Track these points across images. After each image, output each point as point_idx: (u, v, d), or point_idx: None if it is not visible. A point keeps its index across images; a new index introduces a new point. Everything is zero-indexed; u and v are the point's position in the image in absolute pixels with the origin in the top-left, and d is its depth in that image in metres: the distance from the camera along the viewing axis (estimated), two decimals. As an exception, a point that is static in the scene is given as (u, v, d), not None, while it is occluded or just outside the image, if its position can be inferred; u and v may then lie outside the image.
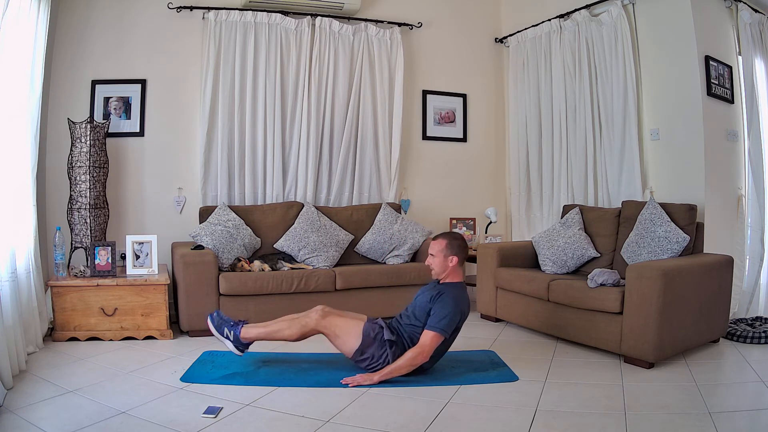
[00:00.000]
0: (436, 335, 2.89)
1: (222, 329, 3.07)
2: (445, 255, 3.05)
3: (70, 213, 4.00)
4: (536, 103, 5.08)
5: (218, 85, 4.52)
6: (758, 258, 4.29)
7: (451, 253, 3.04)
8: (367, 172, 5.03)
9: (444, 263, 3.05)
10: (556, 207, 4.88)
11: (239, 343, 3.05)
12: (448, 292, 3.00)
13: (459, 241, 3.10)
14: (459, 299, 2.99)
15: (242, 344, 3.06)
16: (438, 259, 3.06)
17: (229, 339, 3.05)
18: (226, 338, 3.06)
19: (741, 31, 4.24)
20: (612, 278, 3.49)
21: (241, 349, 3.06)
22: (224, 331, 3.06)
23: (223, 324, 3.08)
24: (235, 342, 3.05)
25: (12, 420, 2.37)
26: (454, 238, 3.10)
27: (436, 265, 3.07)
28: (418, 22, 5.23)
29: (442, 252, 3.05)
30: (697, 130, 3.92)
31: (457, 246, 3.07)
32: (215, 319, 3.11)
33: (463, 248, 3.09)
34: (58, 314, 3.60)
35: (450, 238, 3.10)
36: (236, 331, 3.05)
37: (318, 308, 3.07)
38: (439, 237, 3.12)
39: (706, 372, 3.12)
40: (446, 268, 3.06)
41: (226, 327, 3.07)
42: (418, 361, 2.90)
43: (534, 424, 2.44)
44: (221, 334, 3.07)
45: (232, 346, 3.05)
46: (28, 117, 3.36)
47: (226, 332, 3.06)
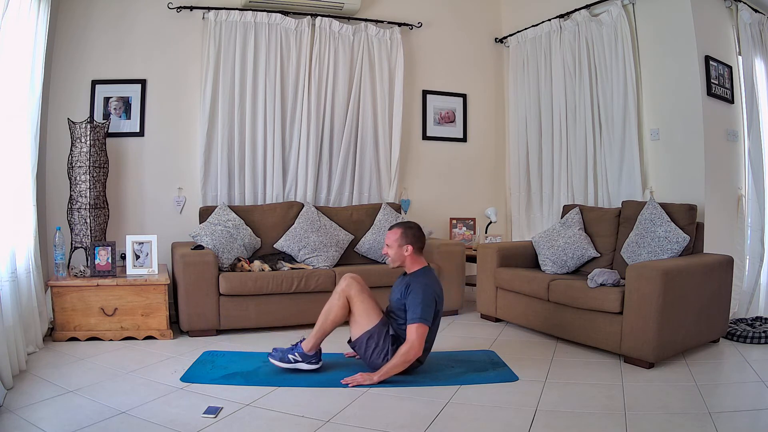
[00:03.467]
0: (420, 326, 2.89)
1: (287, 358, 3.04)
2: (400, 244, 3.07)
3: (70, 213, 4.00)
4: (536, 103, 5.08)
5: (218, 85, 4.52)
6: (758, 258, 4.29)
7: (405, 242, 3.07)
8: (367, 172, 5.03)
9: (399, 252, 3.08)
10: (556, 207, 4.88)
11: (307, 357, 3.03)
12: (416, 281, 3.01)
13: (414, 230, 3.13)
14: (428, 284, 3.00)
15: (310, 356, 3.04)
16: (393, 249, 3.09)
17: (299, 361, 3.03)
18: (296, 362, 3.03)
19: (741, 31, 4.24)
20: (612, 278, 3.49)
21: (315, 362, 3.05)
22: (289, 357, 3.04)
23: (285, 353, 3.06)
24: (305, 359, 3.03)
25: (12, 420, 2.37)
26: (409, 227, 3.13)
27: (391, 254, 3.10)
28: (418, 22, 5.23)
29: (396, 242, 3.08)
30: (697, 130, 3.92)
31: (412, 235, 3.09)
32: (276, 354, 3.07)
33: (419, 237, 3.12)
34: (58, 314, 3.60)
35: (405, 227, 3.13)
36: (298, 349, 3.04)
37: (346, 276, 3.08)
38: (394, 227, 3.16)
39: (706, 372, 3.12)
40: (402, 258, 3.09)
41: (289, 354, 3.05)
42: (411, 355, 2.90)
43: (534, 424, 2.44)
44: (290, 363, 3.04)
45: (307, 365, 3.03)
46: (28, 117, 3.36)
47: (292, 357, 3.04)
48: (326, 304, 3.08)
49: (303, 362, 3.03)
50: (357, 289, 3.02)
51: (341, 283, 3.06)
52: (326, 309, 3.05)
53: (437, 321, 3.05)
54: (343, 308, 3.02)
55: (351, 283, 3.03)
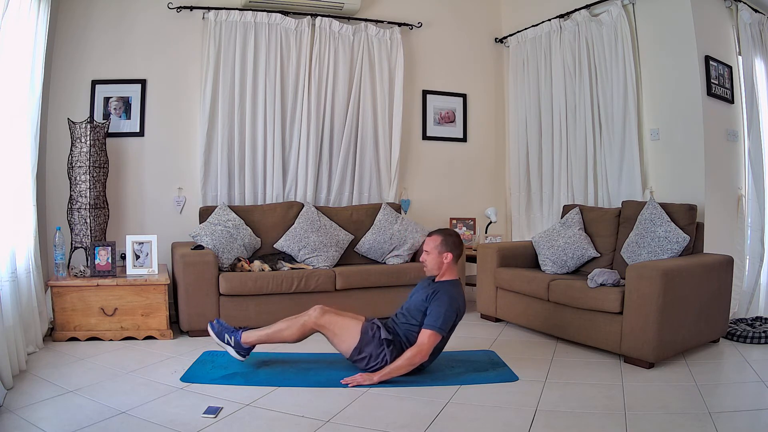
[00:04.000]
0: (434, 334, 2.89)
1: (223, 336, 3.08)
2: (440, 252, 3.04)
3: (70, 213, 4.00)
4: (536, 103, 5.07)
5: (218, 85, 4.52)
6: (758, 258, 4.29)
7: (445, 250, 3.04)
8: (367, 172, 5.03)
9: (438, 260, 3.04)
10: (556, 207, 4.88)
11: (240, 348, 3.06)
12: (444, 290, 2.99)
13: (454, 237, 3.09)
14: (455, 297, 2.99)
15: (243, 349, 3.07)
16: (432, 256, 3.05)
17: (230, 345, 3.06)
18: (227, 344, 3.07)
19: (741, 31, 4.24)
20: (612, 278, 3.49)
21: (243, 354, 3.07)
22: (225, 337, 3.08)
23: (224, 331, 3.09)
24: (237, 347, 3.06)
25: (12, 420, 2.37)
26: (449, 235, 3.10)
27: (430, 262, 3.06)
28: (418, 22, 5.23)
29: (436, 249, 3.05)
30: (697, 130, 3.92)
31: (452, 243, 3.06)
32: (215, 326, 3.12)
33: (458, 245, 3.09)
34: (58, 314, 3.60)
35: (445, 234, 3.09)
36: (237, 336, 3.06)
37: (316, 307, 3.07)
38: (434, 233, 3.12)
39: (706, 372, 3.12)
40: (441, 265, 3.05)
41: (227, 333, 3.08)
42: (417, 360, 2.90)
43: (534, 424, 2.44)
44: (222, 341, 3.08)
45: (234, 352, 3.06)
46: (28, 117, 3.36)
47: (227, 338, 3.07)
48: (288, 319, 3.08)
49: (233, 349, 3.05)
50: (327, 318, 3.00)
51: (310, 317, 3.01)
52: (285, 324, 3.05)
53: (450, 334, 3.04)
54: (298, 334, 3.02)
55: (319, 315, 3.00)
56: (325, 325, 3.00)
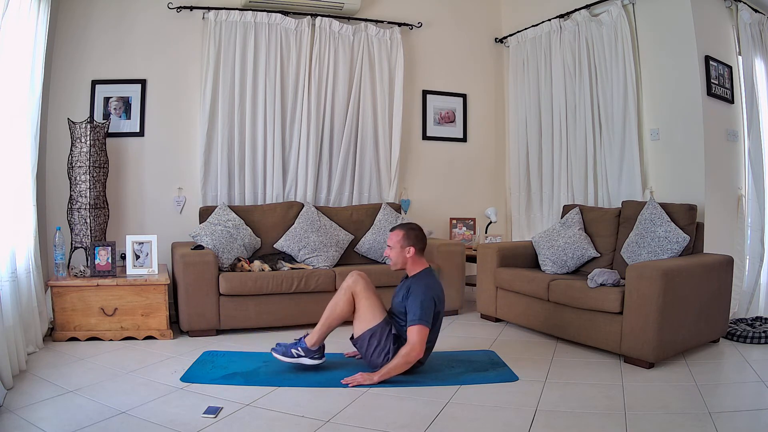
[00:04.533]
0: (420, 327, 2.89)
1: (290, 353, 3.05)
2: (402, 246, 3.07)
3: (70, 213, 4.00)
4: (536, 103, 5.08)
5: (218, 85, 4.52)
6: (758, 258, 4.29)
7: (408, 244, 3.06)
8: (367, 172, 5.03)
9: (401, 254, 3.07)
10: (556, 207, 4.88)
11: (310, 352, 3.04)
12: (416, 283, 3.01)
13: (416, 231, 3.12)
14: (428, 286, 3.00)
15: (314, 351, 3.04)
16: (395, 251, 3.08)
17: (302, 356, 3.04)
18: (299, 357, 3.04)
19: (741, 31, 4.24)
20: (612, 278, 3.49)
21: (318, 357, 3.05)
22: (292, 352, 3.05)
23: (288, 347, 3.07)
24: (308, 354, 3.04)
25: (12, 420, 2.38)
26: (411, 229, 3.12)
27: (393, 256, 3.10)
28: (418, 22, 5.23)
29: (399, 243, 3.08)
30: (697, 130, 3.92)
31: (414, 236, 3.09)
32: (279, 349, 3.08)
33: (420, 238, 3.11)
34: (58, 314, 3.60)
35: (406, 229, 3.12)
36: (302, 345, 3.05)
37: (353, 273, 3.08)
38: (396, 228, 3.15)
39: (706, 372, 3.12)
40: (404, 259, 3.08)
41: (292, 348, 3.06)
42: (413, 356, 2.90)
43: (534, 424, 2.44)
44: (293, 357, 3.05)
45: (310, 360, 3.04)
46: (28, 117, 3.36)
47: (295, 352, 3.05)
48: (332, 300, 3.08)
49: (306, 357, 3.04)
50: (363, 285, 3.02)
51: (347, 280, 3.06)
52: (332, 304, 3.05)
53: (438, 322, 3.05)
54: (349, 304, 3.02)
55: (357, 280, 3.03)
56: (358, 293, 3.00)
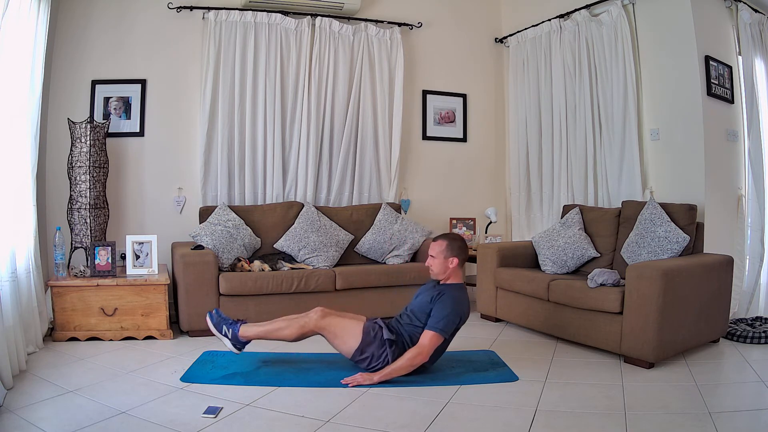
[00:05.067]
0: (436, 335, 2.89)
1: (221, 327, 3.08)
2: (446, 256, 3.04)
3: (70, 213, 4.00)
4: (536, 103, 5.07)
5: (218, 85, 4.52)
6: (758, 258, 4.29)
7: (451, 255, 3.04)
8: (367, 172, 5.03)
9: (444, 264, 3.05)
10: (556, 207, 4.88)
11: (237, 341, 3.06)
12: (449, 293, 2.99)
13: (459, 242, 3.09)
14: (459, 301, 2.99)
15: (240, 342, 3.06)
16: (438, 261, 3.05)
17: (227, 337, 3.06)
18: (224, 336, 3.07)
19: (741, 31, 4.24)
20: (612, 278, 3.49)
21: (238, 348, 3.07)
22: (222, 328, 3.07)
23: (222, 322, 3.09)
24: (233, 340, 3.05)
25: (12, 420, 2.37)
26: (454, 239, 3.10)
27: (436, 266, 3.06)
28: (418, 22, 5.23)
29: (442, 253, 3.05)
30: (697, 130, 3.92)
31: (458, 247, 3.06)
32: (214, 317, 3.12)
33: (464, 249, 3.09)
34: (58, 314, 3.60)
35: (450, 239, 3.09)
36: (235, 329, 3.06)
37: (317, 309, 3.07)
38: (439, 238, 3.12)
39: (706, 372, 3.12)
40: (446, 270, 3.05)
41: (225, 325, 3.08)
42: (418, 361, 2.90)
43: (534, 424, 2.44)
44: (220, 332, 3.08)
45: (230, 344, 3.06)
46: (28, 117, 3.35)
47: (225, 330, 3.07)
48: (288, 319, 3.08)
49: (230, 341, 3.05)
50: (327, 320, 3.00)
51: (311, 319, 3.00)
52: (284, 323, 3.05)
53: (452, 336, 3.05)
54: (296, 335, 3.02)
55: (318, 318, 3.00)
56: (326, 327, 3.00)
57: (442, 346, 3.00)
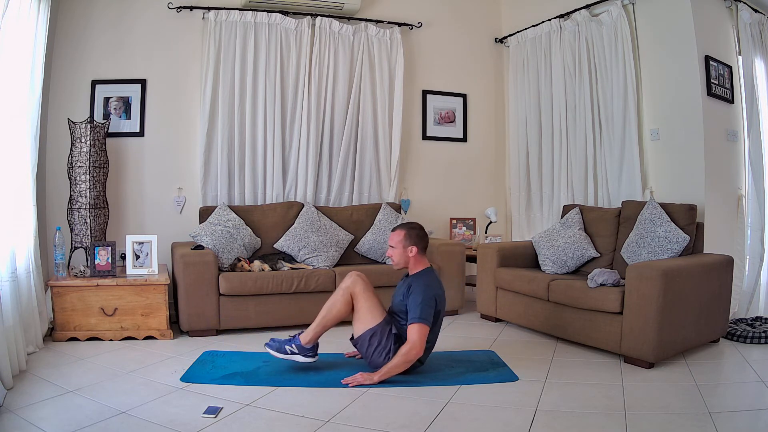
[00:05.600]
0: (420, 326, 2.89)
1: (284, 349, 3.05)
2: (404, 246, 3.07)
3: (70, 213, 4.00)
4: (536, 103, 5.08)
5: (218, 85, 4.52)
6: (758, 258, 4.29)
7: (409, 244, 3.07)
8: (367, 172, 5.03)
9: (404, 254, 3.08)
10: (556, 207, 4.88)
11: (305, 350, 3.04)
12: (417, 282, 3.01)
13: (417, 230, 3.12)
14: (428, 285, 3.00)
15: (307, 350, 3.04)
16: (398, 251, 3.08)
17: (295, 353, 3.04)
18: (292, 354, 3.04)
19: (741, 31, 4.24)
20: (612, 278, 3.49)
21: (312, 355, 3.05)
22: (286, 349, 3.05)
23: (282, 344, 3.07)
24: (301, 351, 3.04)
25: (12, 420, 2.38)
26: (412, 228, 3.13)
27: (396, 256, 3.10)
28: (418, 22, 5.23)
29: (401, 243, 3.08)
30: (697, 130, 3.92)
31: (416, 235, 3.09)
32: (273, 344, 3.08)
33: (422, 237, 3.12)
34: (58, 314, 3.60)
35: (408, 228, 3.12)
36: (296, 341, 3.05)
37: (351, 273, 3.08)
38: (397, 228, 3.15)
39: (706, 372, 3.12)
40: (407, 259, 3.08)
41: (286, 345, 3.06)
42: (413, 355, 2.90)
43: (534, 424, 2.44)
44: (286, 354, 3.05)
45: (303, 358, 3.04)
46: (28, 117, 3.35)
47: (289, 349, 3.04)
48: (329, 299, 3.08)
49: (299, 354, 3.04)
50: (362, 286, 3.02)
51: (346, 280, 3.06)
52: (329, 304, 3.06)
53: (439, 321, 3.05)
54: (346, 305, 3.02)
55: (356, 281, 3.04)
56: (358, 294, 3.00)
57: (431, 335, 3.00)
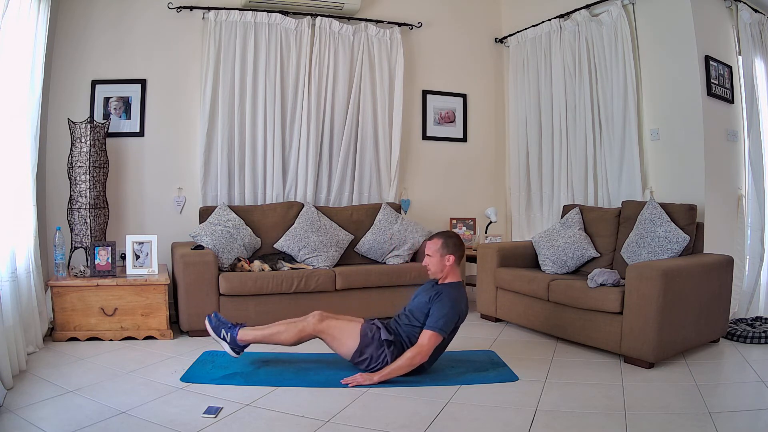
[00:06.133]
0: (435, 335, 2.90)
1: (219, 331, 3.08)
2: (442, 254, 3.05)
3: (70, 213, 4.00)
4: (536, 103, 5.07)
5: (218, 85, 4.52)
6: (758, 258, 4.29)
7: (447, 252, 3.05)
8: (367, 172, 5.03)
9: (441, 263, 3.05)
10: (556, 207, 4.88)
11: (236, 344, 3.06)
12: (447, 292, 3.00)
13: (455, 239, 3.10)
14: (457, 299, 2.99)
15: (238, 346, 3.07)
16: (435, 259, 3.06)
17: (225, 341, 3.06)
18: (222, 339, 3.07)
19: (741, 31, 4.24)
20: (612, 278, 3.49)
21: (237, 351, 3.07)
22: (221, 332, 3.07)
23: (221, 326, 3.09)
24: (232, 344, 3.06)
25: (12, 420, 2.38)
26: (450, 237, 3.10)
27: (432, 264, 3.07)
28: (418, 22, 5.23)
29: (438, 252, 3.05)
30: (697, 130, 3.92)
31: (453, 244, 3.07)
32: (213, 320, 3.12)
33: (459, 246, 3.09)
34: (58, 314, 3.60)
35: (445, 237, 3.10)
36: (233, 332, 3.06)
37: (315, 313, 3.07)
38: (435, 236, 3.13)
39: (706, 372, 3.12)
40: (443, 268, 3.06)
41: (224, 329, 3.08)
42: (417, 360, 2.90)
43: (534, 424, 2.44)
44: (218, 336, 3.08)
45: (228, 348, 3.06)
46: (28, 117, 3.35)
47: (223, 334, 3.07)
48: (286, 323, 3.07)
49: (228, 345, 3.05)
50: (327, 321, 3.01)
51: (309, 323, 3.01)
52: (284, 327, 3.05)
53: (452, 336, 3.05)
54: (296, 339, 3.02)
55: (317, 320, 3.01)
56: (324, 330, 3.00)
57: (441, 346, 3.00)
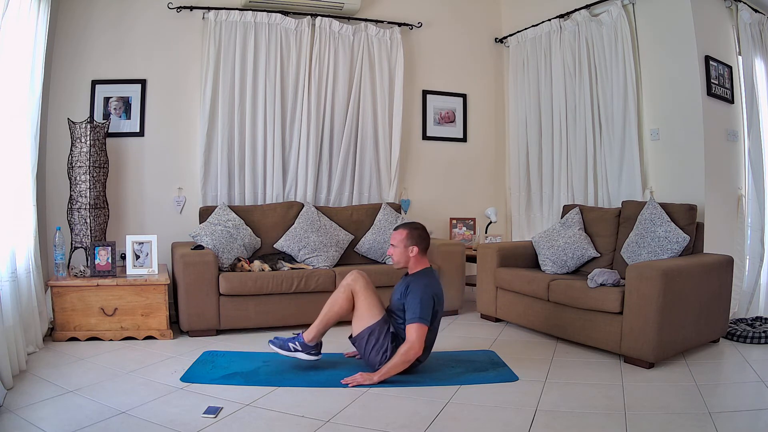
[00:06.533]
0: (419, 326, 2.90)
1: (287, 346, 3.07)
2: (406, 245, 3.08)
3: (70, 213, 4.00)
4: (536, 103, 5.08)
5: (218, 85, 4.52)
6: (758, 258, 4.29)
7: (411, 243, 3.07)
8: (367, 172, 5.03)
9: (404, 253, 3.08)
10: (556, 207, 4.88)
11: (307, 347, 3.06)
12: (415, 281, 3.02)
13: (419, 230, 3.13)
14: (427, 284, 3.00)
15: (310, 347, 3.06)
16: (398, 250, 3.09)
17: (298, 350, 3.05)
18: (296, 351, 3.06)
19: (741, 31, 4.24)
20: (612, 278, 3.49)
21: (315, 353, 3.07)
22: (290, 346, 3.07)
23: (286, 341, 3.09)
24: (305, 349, 3.05)
25: (12, 420, 2.38)
26: (415, 228, 3.13)
27: (396, 255, 3.10)
28: (418, 22, 5.23)
29: (402, 242, 3.08)
30: (697, 130, 3.92)
31: (418, 236, 3.10)
32: (276, 342, 3.11)
33: (424, 238, 3.12)
34: (58, 314, 3.60)
35: (410, 228, 3.13)
36: (299, 339, 3.07)
37: (353, 272, 3.09)
38: (400, 227, 3.15)
39: (706, 372, 3.12)
40: (407, 259, 3.09)
41: (290, 342, 3.08)
42: (411, 355, 2.90)
43: (534, 424, 2.44)
44: (290, 351, 3.07)
45: (306, 355, 3.05)
46: (28, 117, 3.36)
47: (292, 346, 3.06)
48: (330, 297, 3.10)
49: (302, 352, 3.05)
50: (362, 284, 3.04)
51: (347, 278, 3.08)
52: (330, 301, 3.08)
53: (437, 321, 3.05)
54: (348, 301, 3.04)
55: (357, 278, 3.05)
56: (358, 292, 3.03)
57: (430, 335, 3.00)
